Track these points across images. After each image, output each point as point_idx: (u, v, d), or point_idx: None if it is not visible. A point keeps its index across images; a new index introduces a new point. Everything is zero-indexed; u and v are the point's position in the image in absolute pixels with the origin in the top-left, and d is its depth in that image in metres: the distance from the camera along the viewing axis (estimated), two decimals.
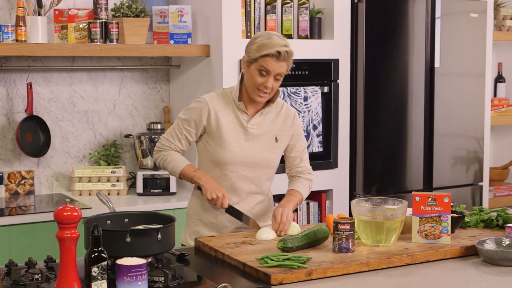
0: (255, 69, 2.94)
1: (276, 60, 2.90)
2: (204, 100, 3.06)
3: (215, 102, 3.05)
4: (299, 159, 3.19)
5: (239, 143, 3.03)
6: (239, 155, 3.02)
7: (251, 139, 3.05)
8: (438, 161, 4.68)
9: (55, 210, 2.16)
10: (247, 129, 3.04)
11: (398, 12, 4.48)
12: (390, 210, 2.73)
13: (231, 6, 4.06)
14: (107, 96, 4.42)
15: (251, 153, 3.04)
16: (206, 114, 3.03)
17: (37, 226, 3.66)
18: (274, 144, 3.09)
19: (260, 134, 3.06)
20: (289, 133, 3.13)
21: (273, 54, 2.89)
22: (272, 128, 3.09)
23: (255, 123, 3.05)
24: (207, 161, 3.09)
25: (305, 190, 3.18)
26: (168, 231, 2.50)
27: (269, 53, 2.89)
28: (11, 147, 4.16)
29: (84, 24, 4.08)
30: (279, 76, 2.95)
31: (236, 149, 3.02)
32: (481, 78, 4.86)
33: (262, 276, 2.41)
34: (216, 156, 3.03)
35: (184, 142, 3.09)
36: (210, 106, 3.03)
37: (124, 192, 4.21)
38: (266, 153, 3.07)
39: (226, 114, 3.04)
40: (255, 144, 3.05)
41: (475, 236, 2.91)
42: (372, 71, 4.42)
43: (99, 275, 2.15)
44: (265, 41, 2.92)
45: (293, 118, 3.14)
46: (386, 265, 2.57)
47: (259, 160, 3.05)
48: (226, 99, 3.07)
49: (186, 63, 4.44)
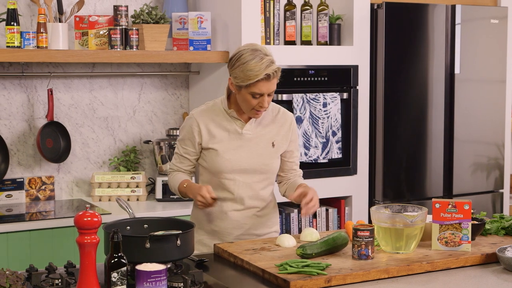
0: (246, 93, 2.89)
1: (267, 81, 2.86)
2: (192, 116, 3.05)
3: (204, 116, 3.03)
4: (295, 163, 3.19)
5: (235, 150, 3.01)
6: (235, 163, 3.00)
7: (247, 144, 3.02)
8: (458, 168, 4.65)
9: (75, 216, 2.17)
10: (242, 134, 3.02)
11: (417, 18, 4.47)
12: (410, 217, 2.72)
13: (251, 12, 4.07)
14: (127, 102, 4.44)
15: (247, 159, 3.02)
16: (197, 129, 3.02)
17: (57, 231, 3.68)
18: (271, 149, 3.06)
19: (255, 139, 3.04)
20: (287, 138, 3.11)
21: (263, 79, 2.84)
22: (267, 132, 3.06)
23: (250, 128, 3.03)
24: (205, 172, 3.09)
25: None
26: (187, 237, 2.51)
27: (258, 79, 2.84)
28: (31, 153, 4.19)
29: (105, 31, 4.10)
30: (272, 93, 2.92)
31: (232, 156, 3.00)
32: (501, 84, 4.83)
33: (281, 283, 2.41)
34: (213, 166, 3.02)
35: (187, 162, 3.09)
36: (200, 121, 3.02)
37: (143, 198, 4.22)
38: (263, 158, 3.04)
39: (218, 124, 3.02)
40: (251, 150, 3.03)
41: (495, 243, 2.89)
42: (391, 77, 4.41)
43: (118, 280, 2.15)
44: (251, 65, 2.83)
45: (290, 123, 3.12)
46: (405, 272, 2.56)
47: (256, 166, 3.03)
48: (216, 110, 3.05)
49: (205, 69, 4.45)
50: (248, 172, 3.03)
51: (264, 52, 2.87)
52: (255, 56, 2.84)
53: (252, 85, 2.86)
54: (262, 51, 2.87)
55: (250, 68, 2.84)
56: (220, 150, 3.00)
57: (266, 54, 2.87)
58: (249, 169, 3.02)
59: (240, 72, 2.86)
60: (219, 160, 3.00)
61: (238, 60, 2.87)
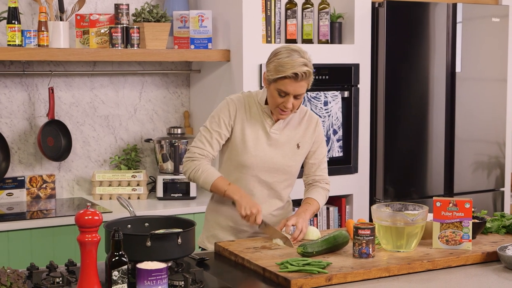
0: (274, 89, 2.90)
1: (294, 81, 2.85)
2: (232, 100, 3.04)
3: (241, 102, 3.04)
4: (317, 166, 3.16)
5: (262, 147, 3.02)
6: (260, 160, 3.01)
7: (273, 144, 3.04)
8: (459, 166, 4.65)
9: (76, 214, 2.17)
10: (269, 134, 3.03)
11: (419, 16, 4.47)
12: (411, 216, 2.72)
13: (252, 11, 4.07)
14: (127, 100, 4.44)
15: (272, 159, 3.03)
16: (234, 113, 3.01)
17: (58, 229, 3.68)
18: (296, 150, 3.07)
19: (282, 140, 3.05)
20: (311, 140, 3.11)
21: (290, 76, 2.84)
22: (294, 134, 3.08)
23: (278, 128, 3.04)
24: (228, 164, 3.08)
25: (322, 199, 3.15)
26: (188, 235, 2.51)
27: (286, 75, 2.84)
28: (32, 151, 4.19)
29: (106, 29, 4.11)
30: (299, 96, 2.91)
31: (258, 153, 3.01)
32: (502, 83, 4.83)
33: (282, 281, 2.41)
34: (237, 159, 3.02)
35: (216, 145, 3.01)
36: (238, 106, 3.02)
37: (144, 196, 4.22)
38: (287, 159, 3.05)
39: (250, 117, 3.03)
40: (276, 150, 3.04)
41: (496, 242, 2.89)
42: (392, 75, 4.41)
43: (119, 279, 2.16)
44: (284, 61, 2.85)
45: (315, 125, 3.12)
46: (406, 271, 2.56)
47: (279, 166, 3.04)
48: (251, 101, 3.05)
49: (206, 68, 4.45)
50: (271, 171, 3.03)
51: (301, 54, 2.88)
52: (291, 55, 2.87)
53: (279, 81, 2.86)
54: (300, 53, 2.88)
55: (282, 63, 2.85)
56: (248, 144, 3.00)
57: (302, 56, 2.88)
58: (272, 168, 3.03)
59: (273, 66, 2.88)
60: (245, 154, 3.00)
61: (275, 55, 2.91)
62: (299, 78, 2.84)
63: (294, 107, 2.94)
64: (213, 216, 3.13)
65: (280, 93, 2.89)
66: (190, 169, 3.01)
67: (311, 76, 2.89)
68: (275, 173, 3.05)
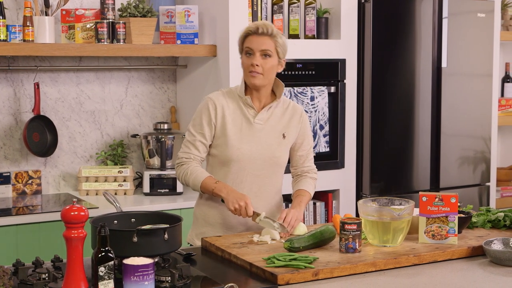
0: (243, 54, 3.02)
1: (256, 36, 2.97)
2: (210, 98, 3.07)
3: (220, 99, 3.05)
4: (304, 157, 3.18)
5: (246, 139, 3.02)
6: (245, 152, 3.01)
7: (258, 135, 3.04)
8: (445, 161, 4.67)
9: (62, 210, 2.16)
10: (253, 124, 3.04)
11: (405, 12, 4.47)
12: (397, 210, 2.72)
13: (238, 6, 4.06)
14: (114, 96, 4.42)
15: (258, 149, 3.03)
16: (214, 111, 3.02)
17: (44, 225, 3.67)
18: (282, 140, 3.08)
19: (267, 130, 3.05)
20: (296, 130, 3.12)
21: (252, 31, 2.97)
22: (279, 124, 3.08)
23: (262, 118, 3.05)
24: (214, 161, 3.08)
25: (312, 189, 3.18)
26: (175, 231, 2.50)
27: (248, 31, 2.99)
28: (18, 147, 4.17)
29: (91, 24, 4.09)
30: (266, 54, 2.98)
31: (242, 145, 3.01)
32: (488, 78, 4.85)
33: (268, 276, 2.41)
34: (223, 154, 3.02)
35: (201, 147, 3.04)
36: (217, 103, 3.04)
37: (131, 192, 4.21)
38: (273, 149, 3.05)
39: (232, 112, 3.04)
40: (261, 140, 3.04)
41: (482, 236, 2.91)
42: (379, 71, 4.42)
43: (106, 274, 2.15)
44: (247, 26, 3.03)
45: (300, 115, 3.13)
46: (393, 266, 2.57)
47: (266, 157, 3.04)
48: (231, 96, 3.08)
49: (193, 63, 4.44)
50: (258, 163, 3.03)
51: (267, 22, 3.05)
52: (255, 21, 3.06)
53: (245, 41, 3.01)
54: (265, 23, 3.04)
55: (245, 28, 3.03)
56: (231, 138, 3.00)
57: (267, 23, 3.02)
58: (258, 159, 3.03)
59: None
60: (229, 148, 3.00)
61: None
62: (260, 31, 2.97)
63: (264, 68, 2.98)
64: (202, 214, 3.13)
65: (246, 52, 3.00)
66: (181, 173, 3.05)
67: (278, 37, 3.00)
68: (263, 165, 3.05)
